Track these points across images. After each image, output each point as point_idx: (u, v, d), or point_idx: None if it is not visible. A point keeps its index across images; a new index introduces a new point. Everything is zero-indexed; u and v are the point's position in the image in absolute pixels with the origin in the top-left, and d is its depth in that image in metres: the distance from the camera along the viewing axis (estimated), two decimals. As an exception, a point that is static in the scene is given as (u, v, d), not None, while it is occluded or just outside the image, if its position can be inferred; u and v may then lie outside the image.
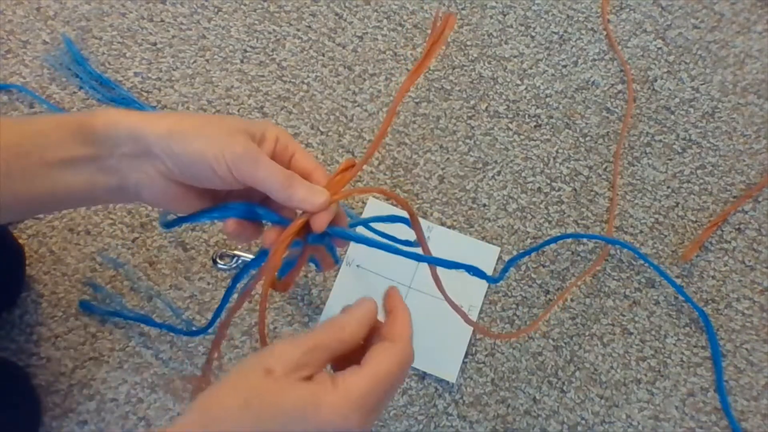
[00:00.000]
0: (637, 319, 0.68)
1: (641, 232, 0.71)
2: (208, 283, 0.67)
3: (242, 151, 0.37)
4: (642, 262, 0.70)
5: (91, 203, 0.43)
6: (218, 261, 0.67)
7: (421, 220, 0.69)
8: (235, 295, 0.46)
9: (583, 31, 0.79)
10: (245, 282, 0.43)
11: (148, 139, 0.37)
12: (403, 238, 0.52)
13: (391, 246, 0.43)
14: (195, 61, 0.75)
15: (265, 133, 0.40)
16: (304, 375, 0.34)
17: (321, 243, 0.42)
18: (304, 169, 0.41)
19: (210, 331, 0.64)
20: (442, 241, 0.69)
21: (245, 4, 0.77)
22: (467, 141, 0.74)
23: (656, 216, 0.72)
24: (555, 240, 0.69)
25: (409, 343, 0.37)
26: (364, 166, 0.72)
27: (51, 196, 0.38)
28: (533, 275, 0.69)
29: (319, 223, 0.39)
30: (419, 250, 0.44)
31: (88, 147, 0.37)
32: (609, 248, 0.70)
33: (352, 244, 0.68)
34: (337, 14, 0.78)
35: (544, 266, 0.69)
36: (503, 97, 0.75)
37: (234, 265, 0.67)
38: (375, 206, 0.70)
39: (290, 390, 0.33)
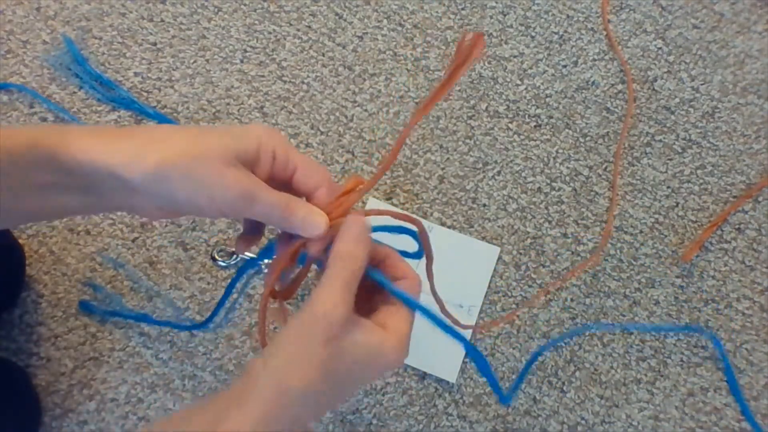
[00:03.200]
0: (637, 319, 0.68)
1: (641, 232, 0.71)
2: (208, 283, 0.67)
3: (235, 195, 0.35)
4: (642, 261, 0.70)
5: (90, 214, 0.42)
6: (216, 257, 0.67)
7: (420, 220, 0.69)
8: (235, 295, 0.46)
9: (583, 31, 0.79)
10: (245, 281, 0.43)
11: (133, 182, 0.34)
12: (404, 236, 0.52)
13: (387, 283, 0.41)
14: (195, 61, 0.75)
15: (260, 149, 0.37)
16: (351, 320, 0.36)
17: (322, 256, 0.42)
18: (307, 189, 0.39)
19: (210, 325, 0.64)
20: (442, 241, 0.69)
21: (245, 4, 0.77)
22: (467, 141, 0.74)
23: (656, 216, 0.72)
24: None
25: (417, 275, 0.40)
26: (364, 166, 0.72)
27: (44, 211, 0.36)
28: (533, 275, 0.69)
29: (315, 250, 0.39)
30: (421, 263, 0.44)
31: (69, 177, 0.34)
32: (606, 245, 0.70)
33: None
34: (337, 14, 0.77)
35: (544, 266, 0.69)
36: (503, 97, 0.75)
37: (233, 263, 0.67)
38: (374, 206, 0.70)
39: (356, 347, 0.36)
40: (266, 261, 0.61)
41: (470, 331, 0.66)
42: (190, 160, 0.34)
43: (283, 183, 0.39)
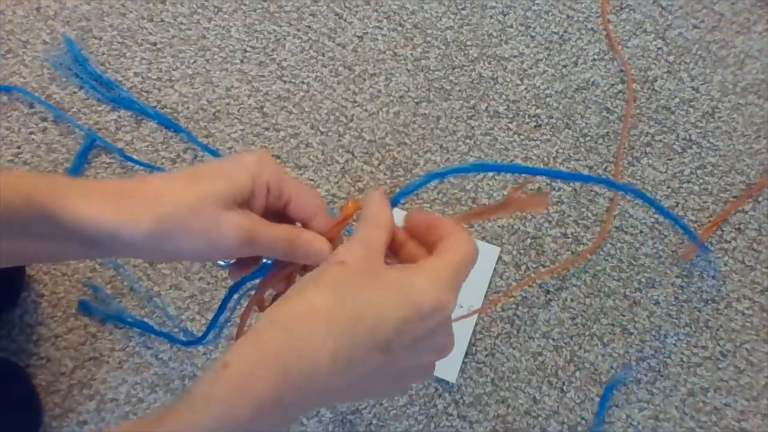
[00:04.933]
0: (637, 319, 0.68)
1: (641, 232, 0.71)
2: (208, 283, 0.67)
3: (235, 240, 0.35)
4: (642, 261, 0.70)
5: (94, 258, 0.40)
6: (217, 260, 0.67)
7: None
8: (228, 314, 0.46)
9: (583, 31, 0.79)
10: (241, 293, 0.44)
11: (134, 243, 0.34)
12: None
13: None
14: (195, 61, 0.75)
15: (255, 186, 0.36)
16: (378, 264, 0.33)
17: None
18: (303, 218, 0.38)
19: (204, 342, 0.64)
20: (442, 241, 0.69)
21: (245, 4, 0.77)
22: (467, 141, 0.74)
23: (656, 216, 0.72)
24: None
25: (466, 231, 0.37)
26: (364, 166, 0.72)
27: (47, 256, 0.36)
28: (533, 275, 0.69)
29: None
30: None
31: (68, 232, 0.34)
32: (606, 244, 0.70)
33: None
34: (337, 14, 0.77)
35: (543, 266, 0.69)
36: (503, 97, 0.75)
37: (232, 262, 0.67)
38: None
39: (377, 274, 0.32)
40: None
41: (474, 318, 0.66)
42: (185, 215, 0.34)
43: (279, 212, 0.38)
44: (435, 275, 0.33)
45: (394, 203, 0.38)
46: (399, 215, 0.38)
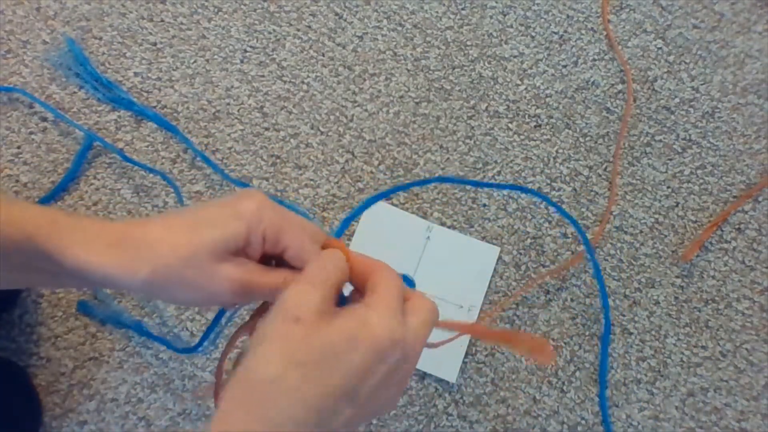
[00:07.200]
0: (637, 319, 0.68)
1: (641, 232, 0.71)
2: (208, 283, 0.67)
3: (230, 291, 0.35)
4: (642, 261, 0.70)
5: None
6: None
7: (421, 220, 0.69)
8: (223, 321, 0.47)
9: (583, 31, 0.79)
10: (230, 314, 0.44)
11: (130, 289, 0.36)
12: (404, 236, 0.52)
13: None
14: (195, 61, 0.75)
15: (250, 235, 0.36)
16: (331, 312, 0.34)
17: None
18: (300, 265, 0.38)
19: (200, 350, 0.64)
20: (442, 241, 0.69)
21: (245, 4, 0.77)
22: (467, 141, 0.74)
23: (656, 216, 0.72)
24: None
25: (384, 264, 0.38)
26: (364, 166, 0.72)
27: (48, 285, 0.38)
28: (533, 275, 0.69)
29: None
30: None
31: (68, 271, 0.35)
32: (605, 244, 0.70)
33: (354, 249, 0.68)
34: (337, 14, 0.77)
35: (544, 266, 0.69)
36: (503, 97, 0.75)
37: None
38: (373, 206, 0.70)
39: (328, 325, 0.33)
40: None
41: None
42: (180, 267, 0.34)
43: (277, 256, 0.38)
44: (383, 307, 0.34)
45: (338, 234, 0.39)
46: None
